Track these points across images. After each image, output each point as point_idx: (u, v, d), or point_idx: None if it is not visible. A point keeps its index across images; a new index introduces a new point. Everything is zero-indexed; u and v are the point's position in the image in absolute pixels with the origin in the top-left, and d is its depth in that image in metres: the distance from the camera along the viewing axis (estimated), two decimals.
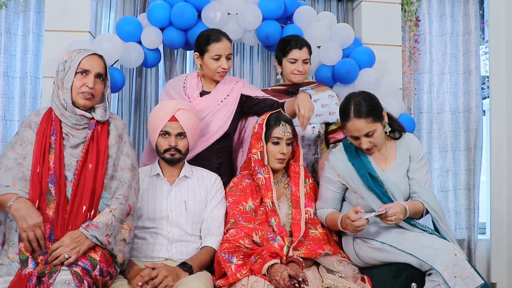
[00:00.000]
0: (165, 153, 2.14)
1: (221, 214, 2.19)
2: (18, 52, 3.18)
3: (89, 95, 1.90)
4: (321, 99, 2.66)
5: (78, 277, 1.62)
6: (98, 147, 1.91)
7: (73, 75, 1.89)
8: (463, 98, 3.49)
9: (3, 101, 3.12)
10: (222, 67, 2.43)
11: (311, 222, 2.18)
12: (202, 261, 2.04)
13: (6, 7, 3.11)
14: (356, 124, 2.05)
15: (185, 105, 2.21)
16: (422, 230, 2.04)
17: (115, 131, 1.99)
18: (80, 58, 1.90)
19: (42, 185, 1.81)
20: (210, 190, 2.22)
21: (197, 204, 2.17)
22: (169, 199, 2.15)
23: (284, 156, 2.20)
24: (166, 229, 2.10)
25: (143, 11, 3.21)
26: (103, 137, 1.94)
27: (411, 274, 1.94)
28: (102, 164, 1.89)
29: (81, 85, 1.89)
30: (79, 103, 1.91)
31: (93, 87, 1.90)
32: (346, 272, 2.03)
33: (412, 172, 2.17)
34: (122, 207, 1.85)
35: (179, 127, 2.14)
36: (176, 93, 2.53)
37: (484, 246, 3.45)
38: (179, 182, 2.20)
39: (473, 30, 3.45)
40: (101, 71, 1.94)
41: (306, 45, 2.63)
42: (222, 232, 2.15)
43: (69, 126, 1.92)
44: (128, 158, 1.98)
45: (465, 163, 3.46)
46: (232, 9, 2.88)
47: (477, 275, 1.83)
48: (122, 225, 1.84)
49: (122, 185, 1.90)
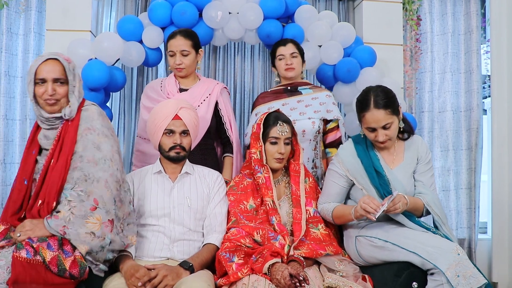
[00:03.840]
0: (170, 151, 2.14)
1: (224, 211, 2.19)
2: (20, 52, 3.19)
3: (53, 101, 1.93)
4: (319, 97, 2.70)
5: (19, 245, 1.71)
6: (63, 143, 1.93)
7: (33, 85, 1.93)
8: (465, 97, 3.49)
9: (4, 100, 3.13)
10: (175, 62, 2.53)
11: (312, 221, 2.17)
12: (203, 259, 2.03)
13: (8, 6, 3.12)
14: (375, 115, 2.06)
15: (186, 104, 2.23)
16: (426, 229, 2.03)
17: (84, 123, 1.97)
18: (35, 68, 1.92)
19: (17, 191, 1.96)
20: (212, 187, 2.23)
21: (199, 200, 2.17)
22: (171, 196, 2.15)
23: (282, 156, 2.20)
24: (168, 227, 2.10)
25: (144, 10, 3.22)
26: (70, 132, 1.94)
27: (412, 273, 1.93)
28: (66, 160, 1.89)
29: (42, 93, 1.92)
30: (46, 110, 1.95)
31: (53, 93, 1.92)
32: (347, 271, 2.02)
33: (418, 174, 2.18)
34: (83, 204, 1.82)
35: (183, 125, 2.15)
36: (155, 94, 2.60)
37: (486, 245, 3.45)
38: (181, 179, 2.20)
39: (475, 29, 3.45)
40: (57, 76, 1.94)
41: (291, 42, 2.72)
42: (224, 229, 2.15)
43: (45, 130, 1.98)
44: (98, 151, 1.93)
45: (466, 162, 3.46)
46: (233, 8, 2.88)
47: (480, 275, 1.82)
48: (87, 219, 1.81)
49: (86, 179, 1.86)
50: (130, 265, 1.90)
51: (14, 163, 3.16)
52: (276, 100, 2.69)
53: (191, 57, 2.55)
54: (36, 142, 1.99)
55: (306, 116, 2.63)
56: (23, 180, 1.93)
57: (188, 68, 2.56)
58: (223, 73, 3.41)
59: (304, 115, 2.63)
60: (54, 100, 1.93)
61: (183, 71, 2.56)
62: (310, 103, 2.67)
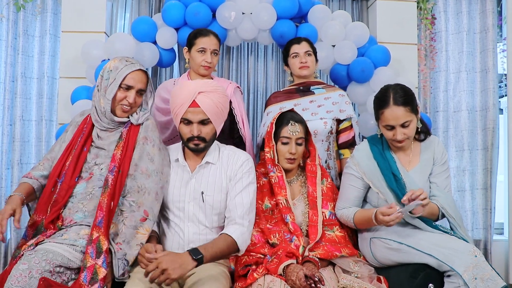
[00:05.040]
0: (189, 142, 1.97)
1: (246, 202, 1.97)
2: (36, 53, 3.23)
3: (128, 108, 2.03)
4: (332, 97, 2.68)
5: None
6: (126, 147, 1.99)
7: (117, 87, 1.99)
8: (480, 96, 3.45)
9: (21, 101, 3.17)
10: (206, 60, 2.52)
11: (327, 224, 2.16)
12: (217, 251, 1.81)
13: (24, 9, 3.15)
14: (395, 112, 2.03)
15: (207, 86, 1.97)
16: (442, 231, 2.01)
17: (144, 132, 2.04)
18: (125, 73, 2.00)
19: (53, 182, 1.96)
20: (234, 175, 2.01)
21: (216, 194, 2.00)
22: (188, 188, 2.02)
23: (293, 156, 2.18)
24: (183, 224, 2.01)
25: (158, 11, 3.24)
26: (132, 137, 2.01)
27: (429, 275, 1.91)
28: (129, 164, 1.95)
29: (122, 98, 2.02)
30: (117, 113, 2.04)
31: (133, 102, 2.03)
32: (362, 273, 2.01)
33: (433, 176, 2.15)
34: (133, 215, 1.87)
35: (201, 113, 1.93)
36: (168, 95, 2.59)
37: (502, 246, 3.41)
38: (199, 170, 2.03)
39: (491, 27, 3.40)
40: (142, 87, 2.05)
41: (305, 40, 2.71)
42: (246, 222, 1.95)
43: (99, 130, 2.04)
44: (151, 163, 1.98)
45: (482, 162, 3.42)
46: (246, 9, 2.89)
47: (498, 277, 1.80)
48: (137, 230, 1.86)
49: (138, 190, 1.91)
50: (145, 245, 1.83)
51: (30, 164, 3.20)
52: (288, 100, 2.67)
53: (218, 57, 2.60)
54: (89, 139, 2.03)
55: (318, 116, 2.61)
56: (75, 177, 1.95)
57: (213, 68, 2.61)
58: (237, 73, 3.42)
59: (316, 115, 2.61)
60: (130, 108, 2.03)
61: (209, 70, 2.59)
62: (322, 103, 2.65)
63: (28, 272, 1.60)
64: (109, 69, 2.01)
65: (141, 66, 2.07)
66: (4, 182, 3.16)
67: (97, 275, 1.69)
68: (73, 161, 1.97)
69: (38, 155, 3.20)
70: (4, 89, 3.17)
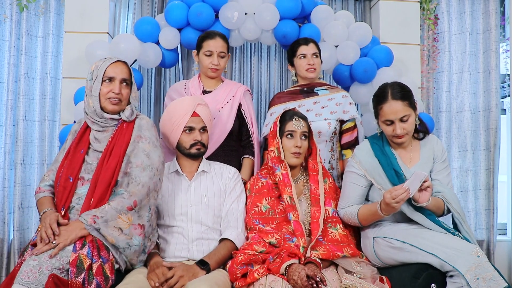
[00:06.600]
0: (192, 148, 2.18)
1: (241, 207, 2.20)
2: (39, 54, 3.24)
3: (116, 100, 2.05)
4: (335, 98, 2.69)
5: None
6: (116, 144, 2.01)
7: (100, 83, 2.04)
8: (483, 96, 3.44)
9: (24, 102, 3.18)
10: (212, 63, 2.56)
11: (330, 221, 2.17)
12: (220, 257, 2.03)
13: (27, 9, 3.16)
14: (393, 106, 2.07)
15: (202, 100, 2.29)
16: (445, 229, 2.01)
17: (138, 131, 2.07)
18: (105, 67, 2.04)
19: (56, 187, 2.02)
20: (228, 183, 2.24)
21: (216, 197, 2.19)
22: (188, 194, 2.17)
23: (299, 149, 2.19)
24: (186, 226, 2.11)
25: (161, 11, 3.25)
26: (125, 135, 2.04)
27: (431, 275, 1.91)
28: (117, 160, 1.97)
29: (108, 91, 2.04)
30: (107, 109, 2.06)
31: (119, 93, 2.05)
32: (364, 273, 2.01)
33: (435, 173, 2.18)
34: (122, 200, 1.89)
35: (201, 122, 2.21)
36: (178, 96, 2.62)
37: (505, 247, 3.40)
38: (197, 177, 2.22)
39: (493, 27, 3.40)
40: (125, 77, 2.08)
41: (313, 41, 2.72)
42: (241, 225, 2.16)
43: (96, 131, 2.06)
44: (147, 158, 2.01)
45: (485, 162, 3.42)
46: (249, 9, 2.89)
47: (501, 278, 1.79)
48: (119, 215, 1.86)
49: (131, 182, 1.94)
50: (154, 261, 1.97)
51: (33, 164, 3.21)
52: (292, 101, 2.69)
53: (225, 59, 2.63)
54: (85, 142, 2.06)
55: (322, 117, 2.62)
56: (69, 178, 1.98)
57: (221, 70, 2.63)
58: (240, 74, 3.42)
59: (320, 116, 2.62)
60: (118, 99, 2.04)
61: (217, 72, 2.61)
62: (326, 104, 2.66)
63: (38, 268, 1.65)
64: (91, 70, 2.08)
65: (121, 59, 2.12)
66: (7, 183, 3.17)
67: (82, 264, 1.71)
68: (68, 163, 2.01)
69: (41, 156, 3.21)
70: (7, 90, 3.17)
